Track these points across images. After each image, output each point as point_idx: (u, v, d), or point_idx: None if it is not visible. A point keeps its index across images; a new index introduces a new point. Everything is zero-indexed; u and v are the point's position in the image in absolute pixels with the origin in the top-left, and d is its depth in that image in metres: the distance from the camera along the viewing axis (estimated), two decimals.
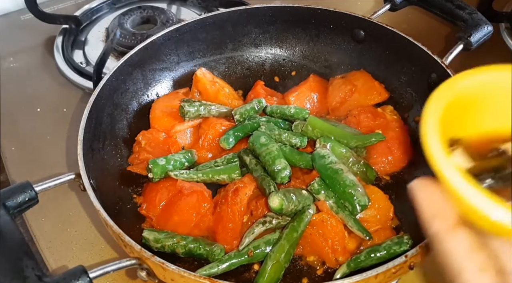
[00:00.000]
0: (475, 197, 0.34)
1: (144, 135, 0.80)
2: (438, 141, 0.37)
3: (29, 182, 0.63)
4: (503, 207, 0.33)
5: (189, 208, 0.69)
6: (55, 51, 1.04)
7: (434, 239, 0.36)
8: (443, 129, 0.39)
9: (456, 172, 0.35)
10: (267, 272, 0.64)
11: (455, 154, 0.40)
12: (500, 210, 0.33)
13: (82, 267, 0.54)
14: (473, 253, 0.35)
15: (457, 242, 0.35)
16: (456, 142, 0.41)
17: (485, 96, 0.41)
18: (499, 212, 0.33)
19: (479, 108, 0.41)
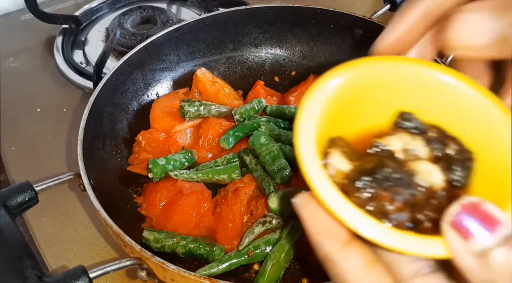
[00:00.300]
0: (346, 212, 0.31)
1: (144, 135, 0.80)
2: (310, 146, 0.33)
3: (29, 182, 0.63)
4: (372, 223, 0.30)
5: (189, 208, 0.69)
6: (55, 51, 1.04)
7: (326, 261, 0.33)
8: (325, 131, 0.35)
9: (327, 182, 0.31)
10: (267, 272, 0.65)
11: (332, 156, 0.35)
12: (371, 226, 0.30)
13: (82, 267, 0.54)
14: (369, 269, 0.32)
15: (350, 260, 0.32)
16: (335, 142, 0.36)
17: (364, 89, 0.37)
18: (369, 228, 0.30)
19: (359, 102, 0.37)
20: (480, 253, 0.28)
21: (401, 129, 0.37)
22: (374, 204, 0.33)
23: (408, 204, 0.33)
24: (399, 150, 0.36)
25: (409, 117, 0.37)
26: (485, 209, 0.29)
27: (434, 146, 0.36)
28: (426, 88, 0.36)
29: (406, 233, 0.30)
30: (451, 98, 0.36)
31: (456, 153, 0.35)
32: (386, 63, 0.37)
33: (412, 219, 0.33)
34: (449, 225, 0.29)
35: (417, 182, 0.34)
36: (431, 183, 0.34)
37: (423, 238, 0.30)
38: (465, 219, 0.29)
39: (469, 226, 0.28)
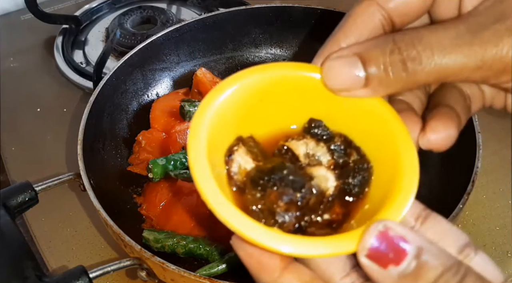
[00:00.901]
0: (251, 232, 0.31)
1: (144, 135, 0.80)
2: (200, 152, 0.33)
3: (29, 182, 0.63)
4: (280, 237, 0.31)
5: (189, 208, 0.69)
6: (55, 51, 1.03)
7: None
8: (232, 130, 0.37)
9: (215, 193, 0.32)
10: None
11: (237, 154, 0.36)
12: (278, 239, 0.31)
13: (82, 267, 0.54)
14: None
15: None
16: (244, 140, 0.37)
17: (269, 93, 0.38)
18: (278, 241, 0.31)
19: (267, 106, 0.39)
20: (400, 275, 0.30)
21: (309, 135, 0.38)
22: (263, 202, 0.34)
23: (297, 206, 0.34)
24: (302, 154, 0.38)
25: (318, 124, 0.39)
26: (394, 234, 0.31)
27: (336, 153, 0.38)
28: (333, 98, 0.37)
29: (312, 239, 0.31)
30: (356, 109, 0.37)
31: (355, 163, 0.37)
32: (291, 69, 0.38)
33: (298, 221, 0.34)
34: (366, 258, 0.31)
35: (311, 186, 0.35)
36: (324, 188, 0.36)
37: (325, 240, 0.31)
38: (378, 249, 0.30)
39: (384, 254, 0.30)
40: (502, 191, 0.77)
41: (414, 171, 0.34)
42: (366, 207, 0.36)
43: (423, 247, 0.30)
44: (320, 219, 0.35)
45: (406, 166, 0.34)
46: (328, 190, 0.36)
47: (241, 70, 0.37)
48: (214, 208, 0.32)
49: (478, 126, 0.67)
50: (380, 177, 0.36)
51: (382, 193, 0.35)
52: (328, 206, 0.35)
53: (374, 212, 0.33)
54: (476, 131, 0.67)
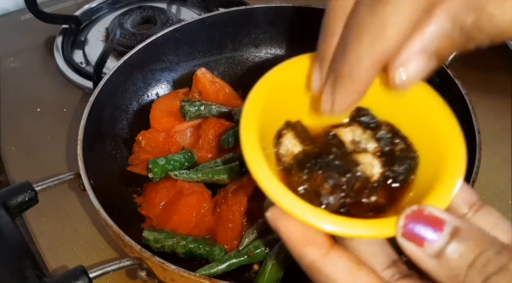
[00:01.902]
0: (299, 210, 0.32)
1: (144, 135, 0.80)
2: (252, 135, 0.34)
3: (29, 182, 0.63)
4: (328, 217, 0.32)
5: (189, 208, 0.69)
6: (55, 51, 1.03)
7: (311, 271, 0.33)
8: (281, 115, 0.38)
9: (265, 170, 0.33)
10: (267, 272, 0.64)
11: (285, 137, 0.38)
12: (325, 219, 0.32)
13: (82, 267, 0.54)
14: (356, 272, 0.33)
15: (336, 265, 0.32)
16: (292, 125, 0.39)
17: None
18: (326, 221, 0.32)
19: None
20: (436, 254, 0.30)
21: (356, 123, 0.40)
22: (308, 184, 0.35)
23: (341, 190, 0.35)
24: (349, 141, 0.39)
25: (365, 113, 0.40)
26: (428, 213, 0.31)
27: (382, 141, 0.39)
28: (382, 87, 0.37)
29: (355, 221, 0.32)
30: (402, 97, 0.38)
31: (402, 151, 0.38)
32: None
33: (342, 204, 0.35)
34: (402, 237, 0.31)
35: (356, 171, 0.36)
36: (369, 174, 0.37)
37: (367, 223, 0.32)
38: (413, 228, 0.31)
39: (419, 232, 0.31)
40: (502, 191, 0.77)
41: (460, 157, 0.35)
42: (412, 194, 0.36)
43: (460, 227, 0.30)
44: (364, 202, 0.36)
45: (453, 152, 0.35)
46: (373, 176, 0.37)
47: (295, 57, 0.39)
48: (261, 181, 0.33)
49: (478, 125, 0.67)
50: (427, 164, 0.37)
51: (429, 180, 0.35)
52: (373, 191, 0.36)
53: (420, 198, 0.34)
54: (476, 131, 0.67)
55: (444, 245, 0.30)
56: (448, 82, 0.74)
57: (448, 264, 0.30)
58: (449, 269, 0.30)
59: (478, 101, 0.71)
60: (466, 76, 0.74)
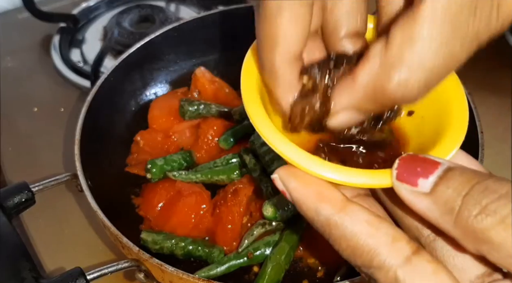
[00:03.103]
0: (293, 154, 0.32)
1: (143, 135, 0.80)
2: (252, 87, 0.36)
3: (26, 182, 0.63)
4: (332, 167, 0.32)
5: (187, 209, 0.69)
6: (52, 50, 1.03)
7: (328, 227, 0.32)
8: None
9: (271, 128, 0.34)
10: (267, 274, 0.64)
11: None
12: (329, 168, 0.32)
13: (80, 268, 0.54)
14: (378, 224, 0.31)
15: (355, 218, 0.31)
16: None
17: None
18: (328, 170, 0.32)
19: None
20: (430, 190, 0.29)
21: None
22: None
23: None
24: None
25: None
26: (423, 156, 0.31)
27: None
28: None
29: (354, 171, 0.32)
30: None
31: None
32: None
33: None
34: (396, 180, 0.31)
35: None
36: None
37: (369, 173, 0.32)
38: (407, 169, 0.31)
39: (413, 172, 0.30)
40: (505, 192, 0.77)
41: (462, 115, 0.35)
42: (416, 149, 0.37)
43: (454, 167, 0.30)
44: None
45: (454, 110, 0.36)
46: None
47: None
48: (261, 130, 0.34)
49: (480, 126, 0.67)
50: (431, 123, 0.37)
51: (431, 140, 0.35)
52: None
53: (424, 152, 0.34)
54: (478, 131, 0.66)
55: (437, 180, 0.29)
56: None
57: (441, 198, 0.29)
58: (443, 203, 0.29)
59: (480, 101, 0.71)
60: (468, 76, 0.74)
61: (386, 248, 0.30)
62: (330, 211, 0.31)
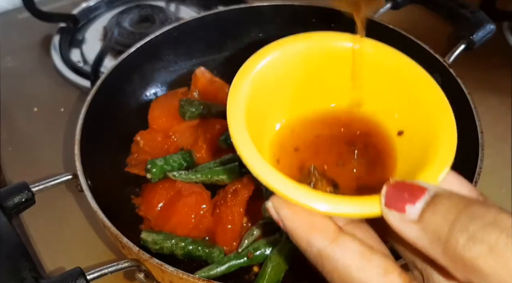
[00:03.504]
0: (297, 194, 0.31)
1: (143, 135, 0.80)
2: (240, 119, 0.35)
3: (26, 183, 0.63)
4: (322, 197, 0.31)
5: (187, 209, 0.69)
6: (52, 50, 1.03)
7: (320, 259, 0.32)
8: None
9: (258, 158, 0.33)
10: (267, 274, 0.64)
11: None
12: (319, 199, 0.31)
13: (80, 268, 0.54)
14: (370, 256, 0.31)
15: (347, 250, 0.31)
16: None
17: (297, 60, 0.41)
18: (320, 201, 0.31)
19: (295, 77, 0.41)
20: (417, 218, 0.29)
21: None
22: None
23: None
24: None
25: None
26: (410, 182, 0.31)
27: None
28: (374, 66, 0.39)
29: (342, 199, 0.32)
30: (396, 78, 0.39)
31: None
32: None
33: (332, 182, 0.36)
34: (385, 207, 0.30)
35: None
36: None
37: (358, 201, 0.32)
38: (395, 195, 0.30)
39: (400, 199, 0.30)
40: (505, 192, 0.77)
41: (451, 141, 0.34)
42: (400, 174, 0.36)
43: (441, 192, 0.29)
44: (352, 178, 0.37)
45: (443, 136, 0.35)
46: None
47: (283, 38, 0.40)
48: (248, 161, 0.33)
49: (480, 126, 0.67)
50: (416, 146, 0.37)
51: (417, 162, 0.35)
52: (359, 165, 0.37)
53: (411, 177, 0.33)
54: (478, 131, 0.66)
55: (424, 207, 0.29)
56: (450, 82, 0.73)
57: (429, 226, 0.28)
58: (431, 231, 0.28)
59: (480, 101, 0.71)
60: (468, 75, 0.74)
61: (378, 281, 0.30)
62: (322, 243, 0.31)
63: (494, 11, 1.06)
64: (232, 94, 0.37)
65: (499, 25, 0.99)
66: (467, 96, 0.70)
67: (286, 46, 0.39)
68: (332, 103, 0.42)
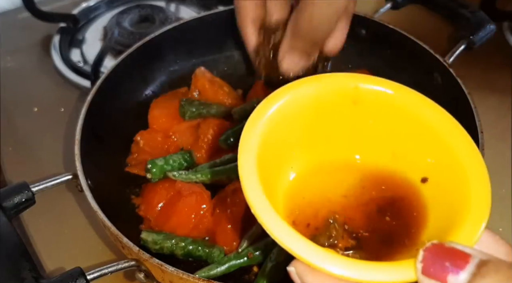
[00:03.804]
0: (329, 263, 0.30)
1: (143, 135, 0.79)
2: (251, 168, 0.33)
3: (26, 182, 0.63)
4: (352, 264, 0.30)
5: (188, 209, 0.69)
6: (52, 50, 1.03)
7: None
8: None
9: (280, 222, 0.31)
10: (267, 274, 0.64)
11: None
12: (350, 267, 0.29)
13: (80, 268, 0.54)
14: None
15: None
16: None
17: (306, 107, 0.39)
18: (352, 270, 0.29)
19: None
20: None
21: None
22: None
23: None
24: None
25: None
26: (450, 247, 0.28)
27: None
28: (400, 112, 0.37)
29: (371, 265, 0.30)
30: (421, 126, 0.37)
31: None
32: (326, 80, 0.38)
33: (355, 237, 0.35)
34: (422, 275, 0.28)
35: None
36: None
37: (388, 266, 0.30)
38: (434, 262, 0.28)
39: (441, 267, 0.28)
40: (505, 192, 0.76)
41: (486, 194, 0.32)
42: (430, 231, 0.34)
43: (488, 260, 0.27)
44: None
45: (475, 181, 0.32)
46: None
47: (295, 80, 0.37)
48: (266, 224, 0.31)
49: (480, 126, 0.67)
50: (448, 191, 0.34)
51: (453, 210, 0.33)
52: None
53: (441, 237, 0.31)
54: (478, 131, 0.66)
55: (470, 279, 0.27)
56: (450, 82, 0.73)
57: None
58: None
59: (480, 101, 0.71)
60: (468, 75, 0.74)
61: None
62: None
63: (494, 11, 1.06)
64: (243, 143, 0.35)
65: (499, 25, 0.99)
66: (467, 96, 0.70)
67: (297, 89, 0.37)
68: (354, 153, 0.40)
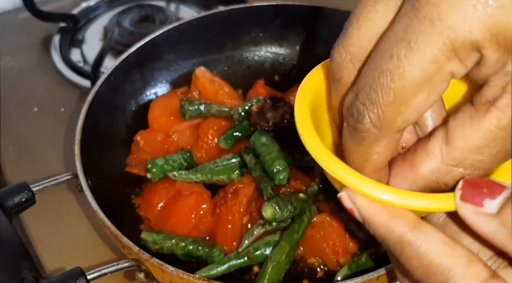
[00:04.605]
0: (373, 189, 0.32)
1: (143, 135, 0.79)
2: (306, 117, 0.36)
3: (26, 182, 0.63)
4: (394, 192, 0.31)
5: (188, 209, 0.69)
6: (52, 50, 1.03)
7: (400, 245, 0.32)
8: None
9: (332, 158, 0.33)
10: (267, 273, 0.64)
11: None
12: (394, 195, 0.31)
13: (80, 268, 0.54)
14: (453, 246, 0.30)
15: (430, 238, 0.31)
16: None
17: None
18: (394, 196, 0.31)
19: None
20: (497, 211, 0.28)
21: None
22: None
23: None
24: None
25: None
26: (488, 179, 0.30)
27: None
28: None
29: (414, 194, 0.32)
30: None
31: None
32: None
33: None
34: (460, 200, 0.30)
35: None
36: None
37: (431, 196, 0.31)
38: (473, 189, 0.30)
39: (479, 192, 0.29)
40: None
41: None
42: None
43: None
44: None
45: None
46: None
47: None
48: (315, 154, 0.33)
49: None
50: None
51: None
52: None
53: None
54: None
55: (504, 202, 0.28)
56: None
57: (509, 219, 0.28)
58: (510, 225, 0.28)
59: None
60: None
61: (462, 270, 0.30)
62: (403, 229, 0.31)
63: None
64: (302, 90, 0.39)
65: None
66: None
67: None
68: None
